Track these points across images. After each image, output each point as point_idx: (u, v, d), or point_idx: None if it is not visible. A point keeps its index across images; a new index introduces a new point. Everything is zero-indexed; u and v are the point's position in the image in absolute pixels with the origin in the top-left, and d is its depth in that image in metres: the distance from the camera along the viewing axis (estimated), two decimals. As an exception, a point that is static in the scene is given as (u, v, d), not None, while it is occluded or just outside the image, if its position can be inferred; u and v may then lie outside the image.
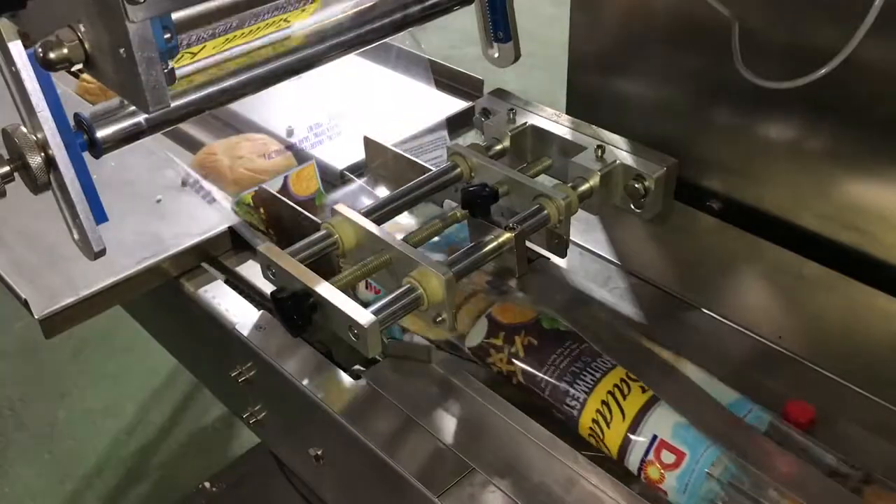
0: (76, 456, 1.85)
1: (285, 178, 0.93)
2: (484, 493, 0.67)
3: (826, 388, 0.74)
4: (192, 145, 1.10)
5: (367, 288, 0.83)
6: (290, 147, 1.05)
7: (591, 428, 0.68)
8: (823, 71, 0.71)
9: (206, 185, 0.97)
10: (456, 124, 1.10)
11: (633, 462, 0.67)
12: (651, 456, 0.65)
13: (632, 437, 0.66)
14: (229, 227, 0.92)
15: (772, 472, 0.62)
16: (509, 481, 0.67)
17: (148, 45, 0.51)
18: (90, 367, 2.05)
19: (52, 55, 0.53)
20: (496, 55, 0.90)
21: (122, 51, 0.51)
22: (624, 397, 0.68)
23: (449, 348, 0.78)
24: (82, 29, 0.53)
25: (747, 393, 0.70)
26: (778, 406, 0.69)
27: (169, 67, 0.54)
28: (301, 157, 1.05)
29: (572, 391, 0.70)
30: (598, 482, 0.67)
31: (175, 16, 0.55)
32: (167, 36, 0.53)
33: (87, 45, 0.53)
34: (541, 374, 0.71)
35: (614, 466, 0.68)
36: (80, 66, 0.54)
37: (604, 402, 0.68)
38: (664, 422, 0.66)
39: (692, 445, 0.64)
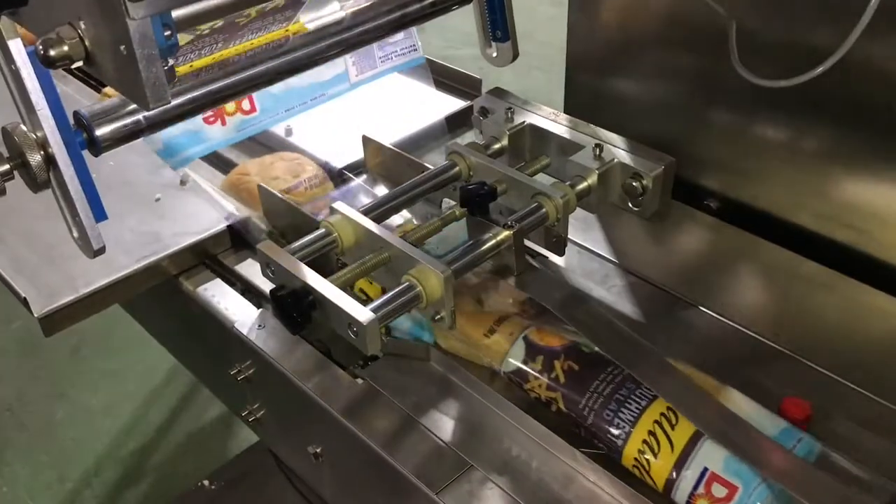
0: (75, 455, 1.85)
1: None
2: (482, 490, 0.67)
3: (823, 386, 0.74)
4: (222, 165, 1.05)
5: None
6: (325, 167, 1.01)
7: (636, 459, 0.66)
8: (820, 69, 0.71)
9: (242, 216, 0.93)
10: (454, 123, 1.10)
11: (681, 495, 0.64)
12: (701, 489, 0.63)
13: (681, 469, 0.64)
14: (228, 226, 0.92)
15: None
16: (508, 478, 0.67)
17: (148, 43, 0.52)
18: (89, 366, 2.05)
19: (52, 52, 0.53)
20: (494, 54, 0.91)
21: (122, 48, 0.51)
22: (672, 427, 0.66)
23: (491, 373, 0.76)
24: (83, 26, 0.53)
25: (745, 390, 0.70)
26: (775, 403, 0.69)
27: (169, 65, 0.54)
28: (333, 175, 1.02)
29: (617, 420, 0.67)
30: (596, 479, 0.67)
31: (174, 14, 0.55)
32: (167, 33, 0.53)
33: (87, 43, 0.54)
34: (584, 402, 0.69)
35: (612, 464, 0.68)
36: (80, 63, 0.54)
37: (650, 433, 0.66)
38: (715, 454, 0.64)
39: (745, 479, 0.62)
